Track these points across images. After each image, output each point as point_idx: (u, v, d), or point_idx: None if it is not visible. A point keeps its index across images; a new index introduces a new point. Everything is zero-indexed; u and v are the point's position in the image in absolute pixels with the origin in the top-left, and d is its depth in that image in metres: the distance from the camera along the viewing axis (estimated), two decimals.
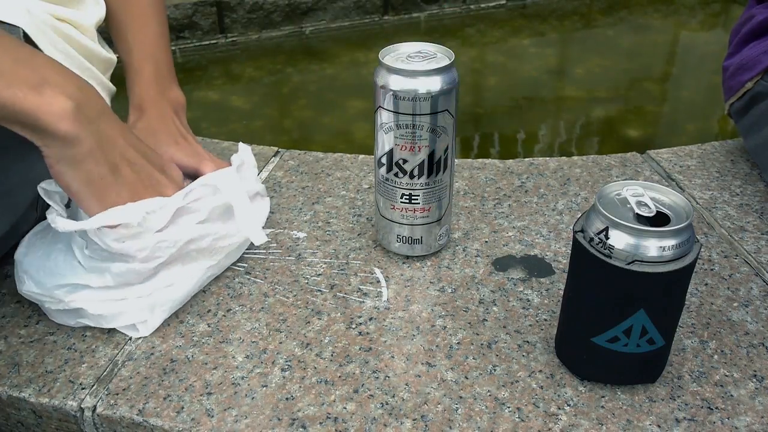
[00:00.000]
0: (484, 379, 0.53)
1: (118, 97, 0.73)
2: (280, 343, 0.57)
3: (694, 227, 0.49)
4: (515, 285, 0.63)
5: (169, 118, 0.70)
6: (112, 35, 0.73)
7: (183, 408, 0.51)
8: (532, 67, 2.07)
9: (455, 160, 0.63)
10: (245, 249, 0.67)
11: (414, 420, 0.50)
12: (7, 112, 0.46)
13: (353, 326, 0.58)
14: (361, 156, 0.86)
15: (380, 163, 0.61)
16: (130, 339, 0.58)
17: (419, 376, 0.53)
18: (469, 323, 0.59)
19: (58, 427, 0.54)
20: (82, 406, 0.52)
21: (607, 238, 0.45)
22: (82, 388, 0.53)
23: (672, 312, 0.48)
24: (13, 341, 0.58)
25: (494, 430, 0.49)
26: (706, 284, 0.63)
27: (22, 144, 0.48)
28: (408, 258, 0.67)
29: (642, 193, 0.48)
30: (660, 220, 0.46)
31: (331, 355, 0.55)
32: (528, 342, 0.56)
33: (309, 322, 0.59)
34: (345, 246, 0.69)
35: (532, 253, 0.67)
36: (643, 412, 0.50)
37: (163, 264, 0.57)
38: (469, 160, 0.85)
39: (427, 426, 0.49)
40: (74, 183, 0.50)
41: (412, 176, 0.60)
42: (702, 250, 0.67)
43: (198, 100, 1.85)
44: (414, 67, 0.56)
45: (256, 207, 0.69)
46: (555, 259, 0.66)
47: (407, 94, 0.56)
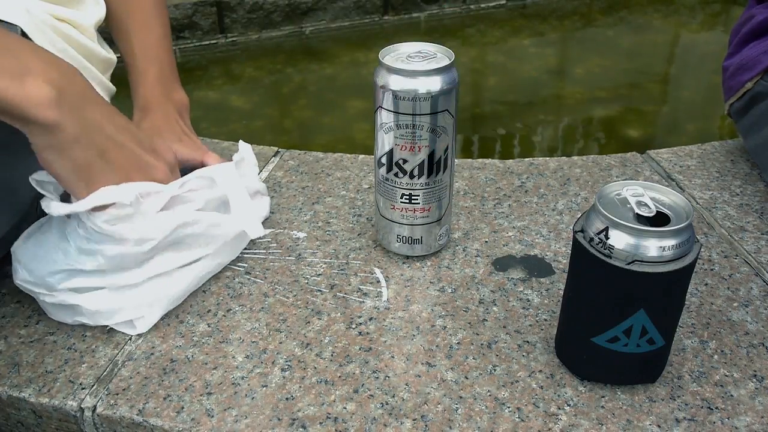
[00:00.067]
0: (484, 379, 0.53)
1: (119, 97, 0.73)
2: (280, 343, 0.57)
3: (694, 227, 0.49)
4: (515, 285, 0.63)
5: (173, 118, 0.71)
6: (114, 36, 0.73)
7: (183, 408, 0.51)
8: (532, 67, 2.07)
9: (455, 160, 0.64)
10: (244, 247, 0.67)
11: (414, 420, 0.50)
12: None
13: (353, 326, 0.58)
14: (361, 156, 0.86)
15: (380, 163, 0.61)
16: (130, 339, 0.58)
17: (419, 376, 0.53)
18: (469, 323, 0.59)
19: (58, 427, 0.54)
20: (82, 406, 0.52)
21: (607, 238, 0.45)
22: (82, 388, 0.53)
23: (672, 312, 0.48)
24: (13, 341, 0.58)
25: (494, 430, 0.49)
26: (706, 284, 0.63)
27: (28, 142, 0.48)
28: (408, 258, 0.67)
29: (642, 193, 0.48)
30: (660, 220, 0.46)
31: (331, 355, 0.55)
32: (528, 342, 0.56)
33: (309, 322, 0.59)
34: (345, 246, 0.69)
35: (532, 253, 0.67)
36: (643, 412, 0.50)
37: (156, 249, 0.56)
38: (469, 160, 0.85)
39: (427, 426, 0.49)
40: (62, 170, 0.50)
41: (412, 176, 0.60)
42: (702, 250, 0.67)
43: (198, 100, 1.85)
44: (414, 67, 0.56)
45: (255, 203, 0.69)
46: (555, 259, 0.66)
47: (407, 94, 0.56)
